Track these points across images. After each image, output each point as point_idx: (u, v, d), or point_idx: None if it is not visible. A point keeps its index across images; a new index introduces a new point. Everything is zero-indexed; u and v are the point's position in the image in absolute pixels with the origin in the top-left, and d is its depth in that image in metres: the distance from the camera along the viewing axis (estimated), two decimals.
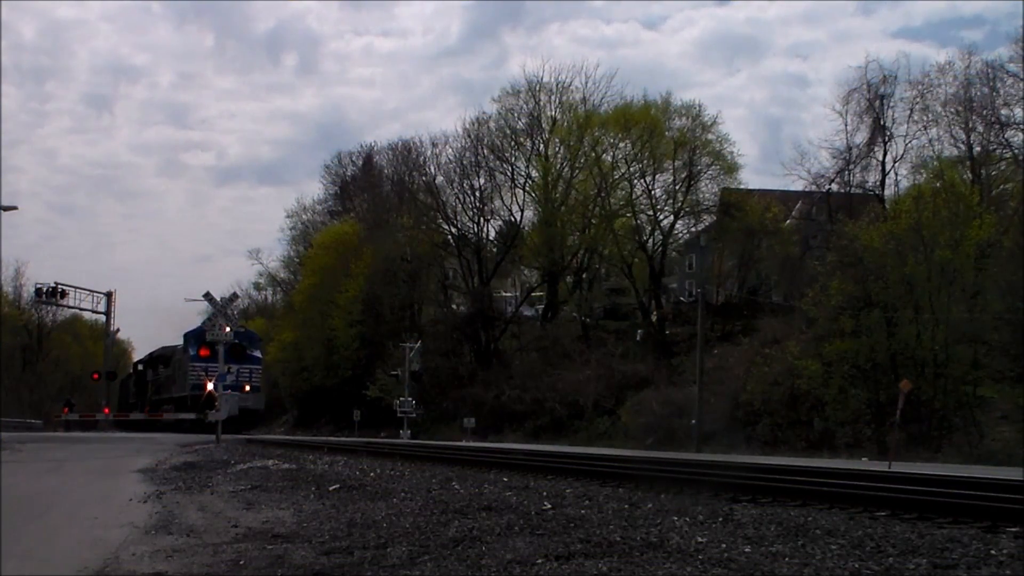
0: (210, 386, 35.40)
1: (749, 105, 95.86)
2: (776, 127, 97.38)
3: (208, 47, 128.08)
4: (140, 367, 63.95)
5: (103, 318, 59.30)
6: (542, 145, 55.52)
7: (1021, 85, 37.59)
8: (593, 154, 51.89)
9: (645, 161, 50.44)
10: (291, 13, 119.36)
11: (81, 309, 60.92)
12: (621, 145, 51.55)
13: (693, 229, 54.62)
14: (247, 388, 46.78)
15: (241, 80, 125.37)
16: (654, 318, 51.91)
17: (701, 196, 51.47)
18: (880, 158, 43.17)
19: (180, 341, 53.54)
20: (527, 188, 56.36)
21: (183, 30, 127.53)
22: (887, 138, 42.92)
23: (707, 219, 53.23)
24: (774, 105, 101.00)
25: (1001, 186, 38.64)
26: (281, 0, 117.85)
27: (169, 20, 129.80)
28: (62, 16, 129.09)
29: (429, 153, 61.07)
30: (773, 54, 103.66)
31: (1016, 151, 38.45)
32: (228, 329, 34.22)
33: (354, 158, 71.16)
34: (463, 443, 35.18)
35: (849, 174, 44.31)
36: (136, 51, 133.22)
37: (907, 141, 42.28)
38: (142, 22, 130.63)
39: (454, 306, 59.98)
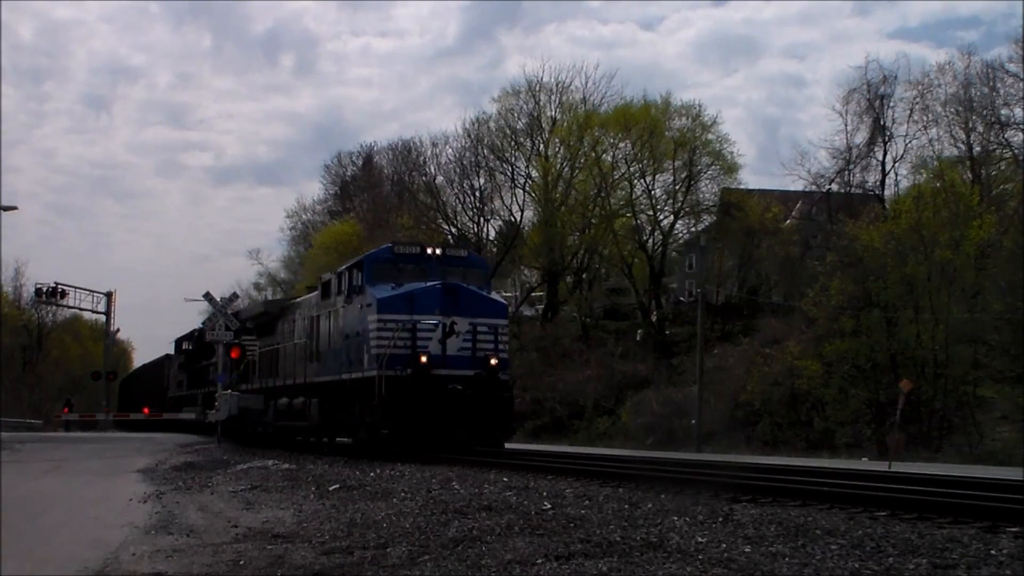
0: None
1: (746, 105, 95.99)
2: (773, 127, 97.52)
3: (206, 47, 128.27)
4: (188, 345, 40.36)
5: (103, 318, 59.19)
6: (542, 145, 55.53)
7: (1021, 85, 37.61)
8: (593, 154, 51.89)
9: (645, 161, 50.45)
10: (288, 13, 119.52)
11: (81, 309, 60.72)
12: (621, 145, 51.58)
13: (693, 229, 54.62)
14: (494, 361, 19.45)
15: (239, 80, 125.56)
16: (654, 318, 51.90)
17: (701, 196, 51.52)
18: (880, 158, 43.23)
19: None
20: (527, 188, 56.38)
21: (181, 31, 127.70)
22: (887, 138, 42.96)
23: (707, 219, 53.24)
24: (771, 105, 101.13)
25: (1001, 186, 38.64)
26: (278, 0, 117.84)
27: (167, 21, 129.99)
28: (60, 17, 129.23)
29: (429, 153, 61.16)
30: (770, 55, 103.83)
31: (1016, 151, 38.48)
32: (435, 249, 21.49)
33: (354, 158, 71.23)
34: None
35: (849, 174, 44.35)
36: (134, 52, 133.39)
37: (907, 141, 42.34)
38: (140, 23, 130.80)
39: None
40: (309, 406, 22.55)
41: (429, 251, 20.12)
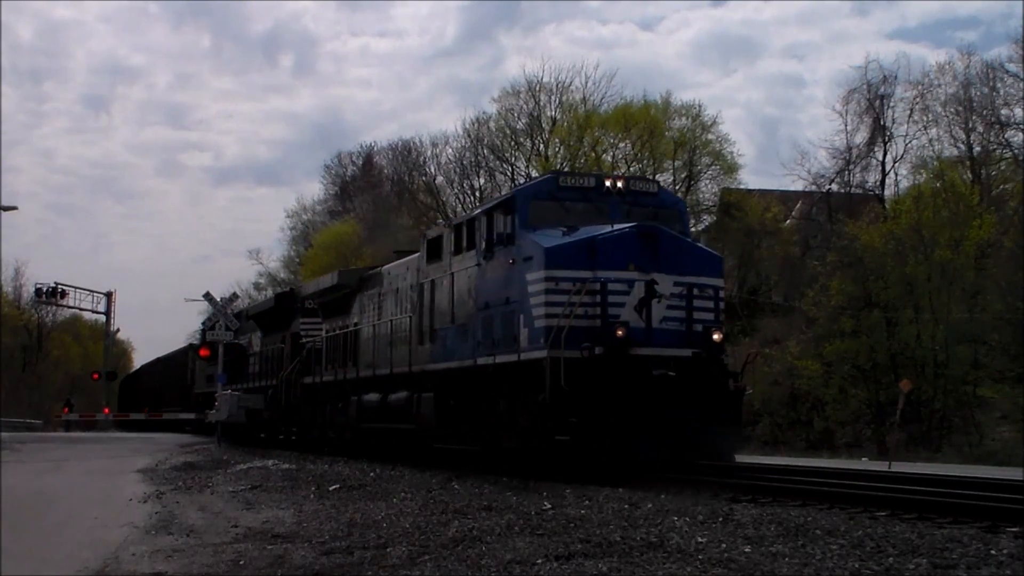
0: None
1: (745, 105, 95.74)
2: (772, 128, 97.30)
3: (205, 48, 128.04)
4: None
5: (103, 318, 59.23)
6: (542, 145, 55.50)
7: (1021, 85, 37.61)
8: (593, 154, 51.86)
9: (645, 161, 50.40)
10: (287, 14, 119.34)
11: (81, 309, 60.87)
12: (621, 145, 51.55)
13: (693, 229, 54.60)
14: (717, 336, 13.68)
15: (238, 81, 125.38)
16: None
17: (701, 196, 51.46)
18: (880, 158, 43.17)
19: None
20: None
21: (180, 31, 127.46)
22: (887, 138, 42.91)
23: (707, 219, 53.22)
24: (770, 106, 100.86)
25: (1001, 186, 38.61)
26: (277, 1, 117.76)
27: (166, 21, 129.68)
28: (59, 17, 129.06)
29: (429, 153, 61.08)
30: (769, 55, 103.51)
31: (1016, 151, 38.44)
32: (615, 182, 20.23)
33: (354, 158, 71.18)
34: None
35: (849, 174, 44.29)
36: (133, 52, 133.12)
37: (907, 141, 42.26)
38: (139, 23, 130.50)
39: None
40: (416, 403, 16.94)
41: (608, 184, 14.75)
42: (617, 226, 13.72)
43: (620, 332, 12.80)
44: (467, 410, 15.48)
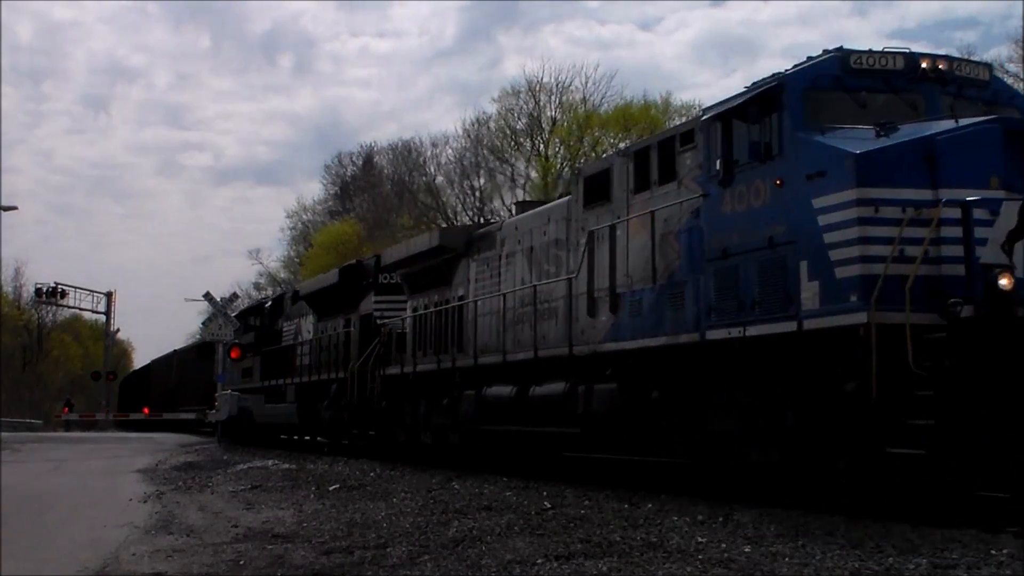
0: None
1: None
2: None
3: (204, 48, 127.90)
4: (257, 320, 30.90)
5: (103, 318, 59.21)
6: (542, 145, 55.53)
7: (1021, 85, 37.63)
8: (593, 154, 51.89)
9: None
10: (287, 14, 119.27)
11: (81, 309, 60.79)
12: (621, 145, 51.59)
13: None
14: None
15: (238, 81, 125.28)
16: None
17: None
18: None
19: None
20: (527, 188, 56.38)
21: (179, 31, 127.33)
22: None
23: None
24: None
25: None
26: (277, 1, 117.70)
27: (165, 21, 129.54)
28: (59, 17, 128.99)
29: (429, 153, 61.13)
30: (768, 55, 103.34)
31: None
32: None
33: (354, 158, 71.22)
34: None
35: None
36: (133, 52, 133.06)
37: None
38: (138, 23, 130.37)
39: None
40: (585, 397, 12.35)
41: (925, 65, 10.16)
42: (965, 121, 9.24)
43: (1006, 281, 8.29)
44: (677, 407, 11.05)
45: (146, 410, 45.07)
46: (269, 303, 29.04)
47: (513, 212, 16.99)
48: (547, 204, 15.48)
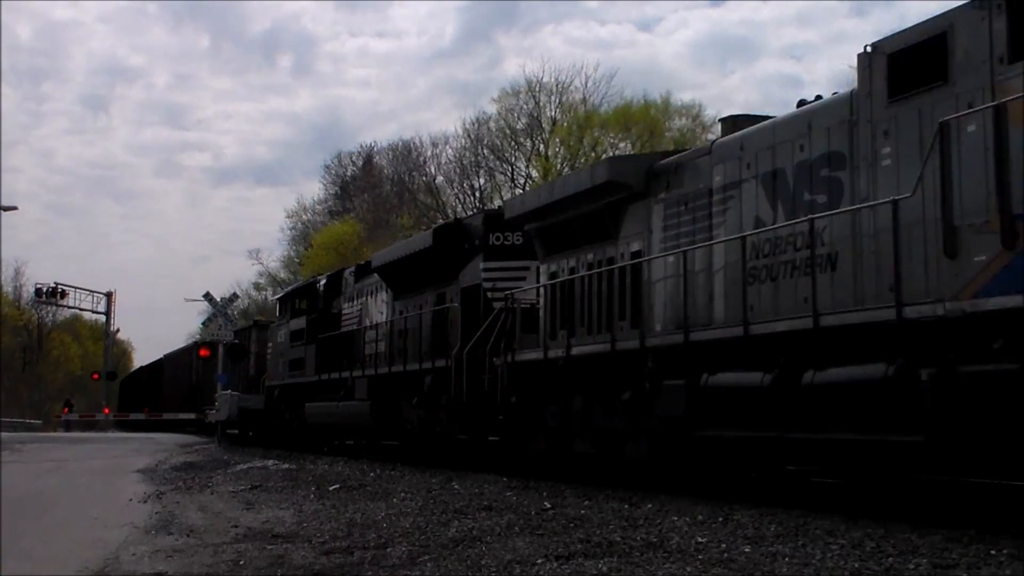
0: None
1: (744, 106, 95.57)
2: None
3: (204, 48, 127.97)
4: (304, 303, 25.75)
5: (103, 318, 59.26)
6: (542, 145, 55.55)
7: None
8: (593, 154, 51.89)
9: None
10: (286, 14, 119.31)
11: (81, 309, 60.89)
12: (621, 145, 51.58)
13: None
14: None
15: (237, 81, 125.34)
16: None
17: None
18: None
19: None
20: (527, 188, 56.42)
21: (179, 31, 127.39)
22: None
23: None
24: (768, 106, 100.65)
25: None
26: (276, 1, 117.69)
27: (165, 21, 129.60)
28: (58, 17, 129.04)
29: (429, 153, 61.18)
30: (767, 55, 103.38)
31: None
32: None
33: (354, 158, 71.26)
34: None
35: None
36: (132, 52, 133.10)
37: None
38: (138, 23, 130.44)
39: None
40: (942, 386, 7.81)
41: None
42: None
43: None
44: None
45: (146, 410, 45.00)
46: (323, 281, 24.54)
47: (720, 132, 11.80)
48: (802, 108, 10.39)
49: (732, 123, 11.76)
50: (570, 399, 12.86)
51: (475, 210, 48.95)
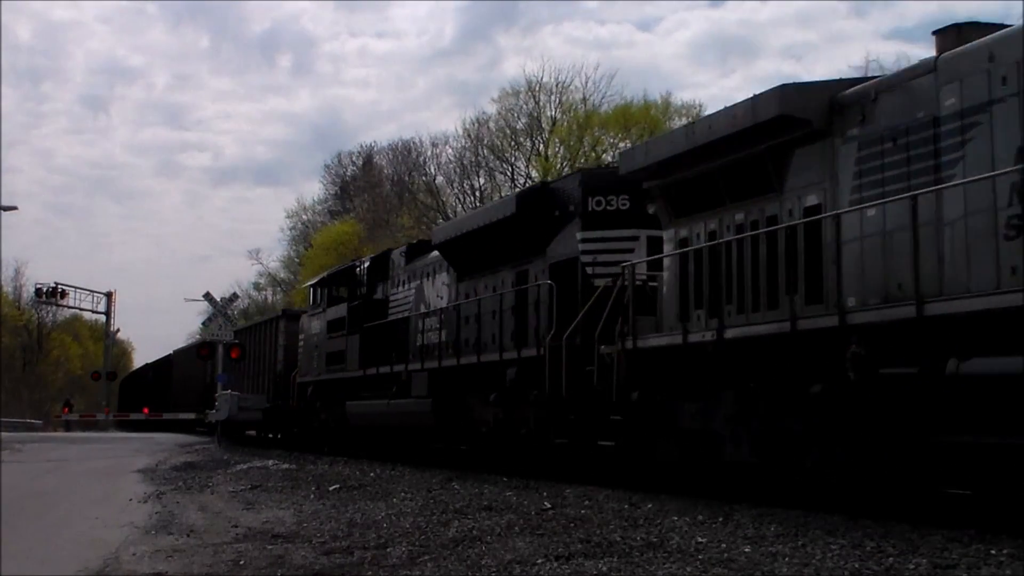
0: None
1: None
2: None
3: (203, 48, 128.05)
4: (340, 290, 23.10)
5: (103, 318, 59.26)
6: (542, 145, 55.56)
7: None
8: (593, 154, 51.91)
9: None
10: (286, 14, 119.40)
11: (81, 309, 60.87)
12: (621, 145, 51.58)
13: None
14: None
15: (237, 81, 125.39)
16: None
17: None
18: None
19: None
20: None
21: (178, 31, 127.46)
22: None
23: None
24: None
25: None
26: (276, 1, 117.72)
27: (164, 21, 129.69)
28: (58, 17, 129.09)
29: (429, 153, 61.22)
30: (767, 55, 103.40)
31: None
32: None
33: (354, 158, 71.29)
34: None
35: None
36: (132, 52, 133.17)
37: None
38: (137, 23, 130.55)
39: None
40: None
41: None
42: None
43: None
44: None
45: (146, 410, 44.91)
46: (366, 264, 21.90)
47: (935, 48, 9.07)
48: None
49: (956, 33, 8.99)
50: (717, 395, 10.33)
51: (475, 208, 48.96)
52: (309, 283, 25.44)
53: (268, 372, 28.20)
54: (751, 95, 10.19)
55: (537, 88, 55.62)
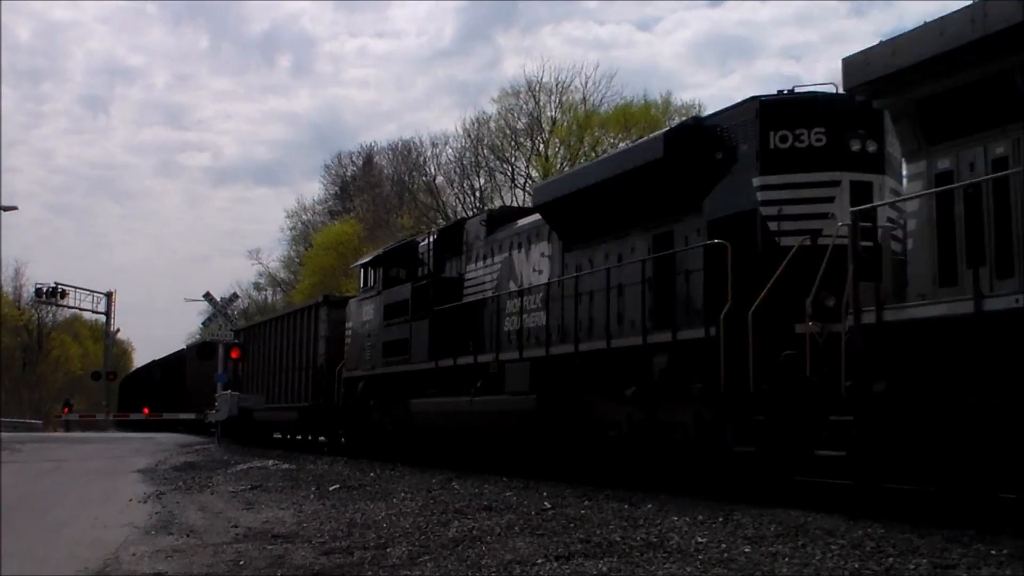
0: None
1: None
2: None
3: (203, 48, 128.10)
4: (400, 271, 19.42)
5: (103, 318, 59.25)
6: (542, 145, 55.57)
7: None
8: (593, 154, 51.91)
9: None
10: (285, 14, 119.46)
11: (81, 309, 60.78)
12: (621, 145, 51.63)
13: None
14: None
15: (236, 81, 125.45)
16: None
17: None
18: None
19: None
20: (527, 188, 56.42)
21: (178, 31, 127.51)
22: None
23: None
24: None
25: None
26: (275, 1, 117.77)
27: (164, 21, 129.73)
28: (58, 17, 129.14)
29: (429, 153, 61.24)
30: (766, 55, 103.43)
31: None
32: None
33: (354, 158, 71.33)
34: None
35: None
36: (131, 52, 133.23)
37: None
38: (137, 23, 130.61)
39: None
40: None
41: None
42: None
43: None
44: None
45: (146, 410, 44.84)
46: (433, 237, 18.66)
47: None
48: None
49: None
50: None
51: (476, 210, 48.57)
52: (360, 262, 22.01)
53: (307, 367, 24.39)
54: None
55: (537, 88, 55.60)
